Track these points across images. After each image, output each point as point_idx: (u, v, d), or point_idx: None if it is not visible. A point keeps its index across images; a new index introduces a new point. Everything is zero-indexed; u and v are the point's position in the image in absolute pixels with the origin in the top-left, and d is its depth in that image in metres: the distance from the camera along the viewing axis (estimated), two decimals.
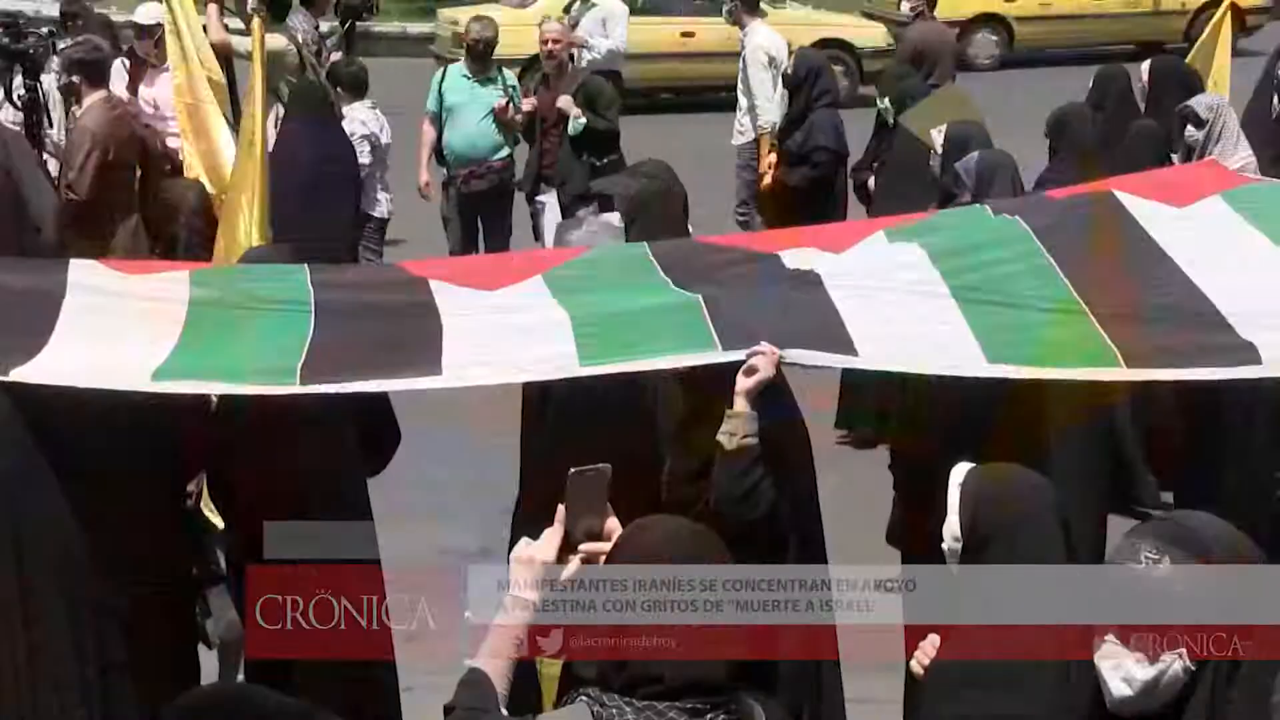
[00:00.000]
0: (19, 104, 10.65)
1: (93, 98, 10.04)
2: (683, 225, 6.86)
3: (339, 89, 12.05)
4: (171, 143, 11.21)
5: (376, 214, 11.95)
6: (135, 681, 4.92)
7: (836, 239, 5.88)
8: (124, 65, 11.83)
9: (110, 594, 4.88)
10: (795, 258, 5.59)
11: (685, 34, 20.24)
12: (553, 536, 3.82)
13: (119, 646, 4.88)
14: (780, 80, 12.82)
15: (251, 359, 5.04)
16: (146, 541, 5.36)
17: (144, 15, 11.86)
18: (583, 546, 3.82)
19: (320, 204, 9.95)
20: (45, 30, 11.87)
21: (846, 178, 12.10)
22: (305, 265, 5.80)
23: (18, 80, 10.72)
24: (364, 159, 11.61)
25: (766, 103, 12.90)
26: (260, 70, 7.77)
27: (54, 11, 15.17)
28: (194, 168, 9.15)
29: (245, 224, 7.34)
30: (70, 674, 4.73)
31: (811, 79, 12.10)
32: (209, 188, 8.52)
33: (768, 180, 12.51)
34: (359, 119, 11.80)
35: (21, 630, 4.63)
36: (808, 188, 11.85)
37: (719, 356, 5.01)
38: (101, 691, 4.79)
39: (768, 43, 13.41)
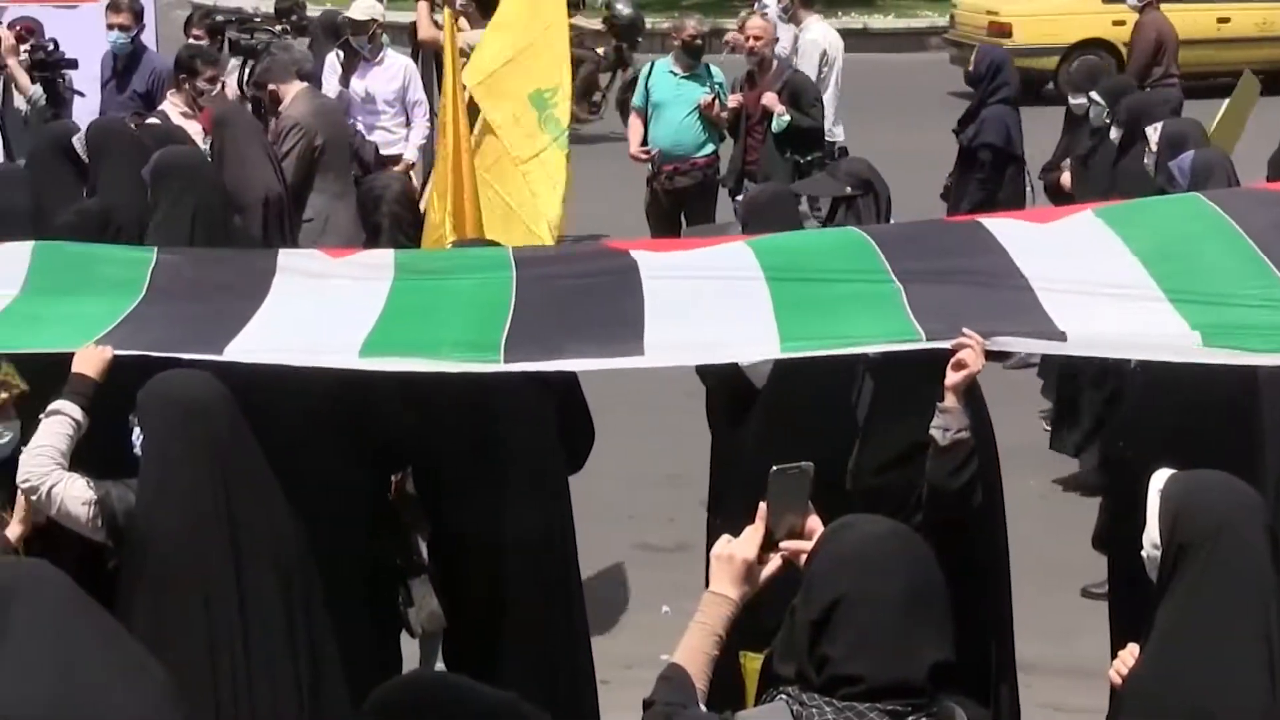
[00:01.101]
0: (249, 96, 10.95)
1: (296, 89, 10.27)
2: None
3: None
4: (379, 136, 11.40)
5: None
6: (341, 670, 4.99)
7: (1041, 214, 5.80)
8: (338, 58, 12.06)
9: (318, 584, 4.95)
10: (996, 224, 5.54)
11: (1221, 20, 19.93)
12: (754, 534, 3.80)
13: (328, 636, 4.95)
14: (836, 77, 12.82)
15: (454, 332, 5.07)
16: (352, 531, 5.44)
17: (358, 11, 12.07)
18: (784, 544, 3.79)
19: None
20: (278, 28, 12.15)
21: (1022, 176, 11.90)
22: (509, 246, 5.86)
23: (249, 74, 11.06)
24: None
25: None
26: (454, 66, 7.83)
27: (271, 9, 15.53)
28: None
29: (434, 216, 7.41)
30: (284, 663, 4.80)
31: (991, 73, 11.94)
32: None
33: None
34: None
35: (238, 620, 4.71)
36: (975, 185, 11.71)
37: (923, 345, 4.95)
38: (312, 682, 4.86)
39: (822, 39, 13.35)
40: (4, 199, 7.31)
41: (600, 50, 17.57)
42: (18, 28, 11.00)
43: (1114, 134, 10.34)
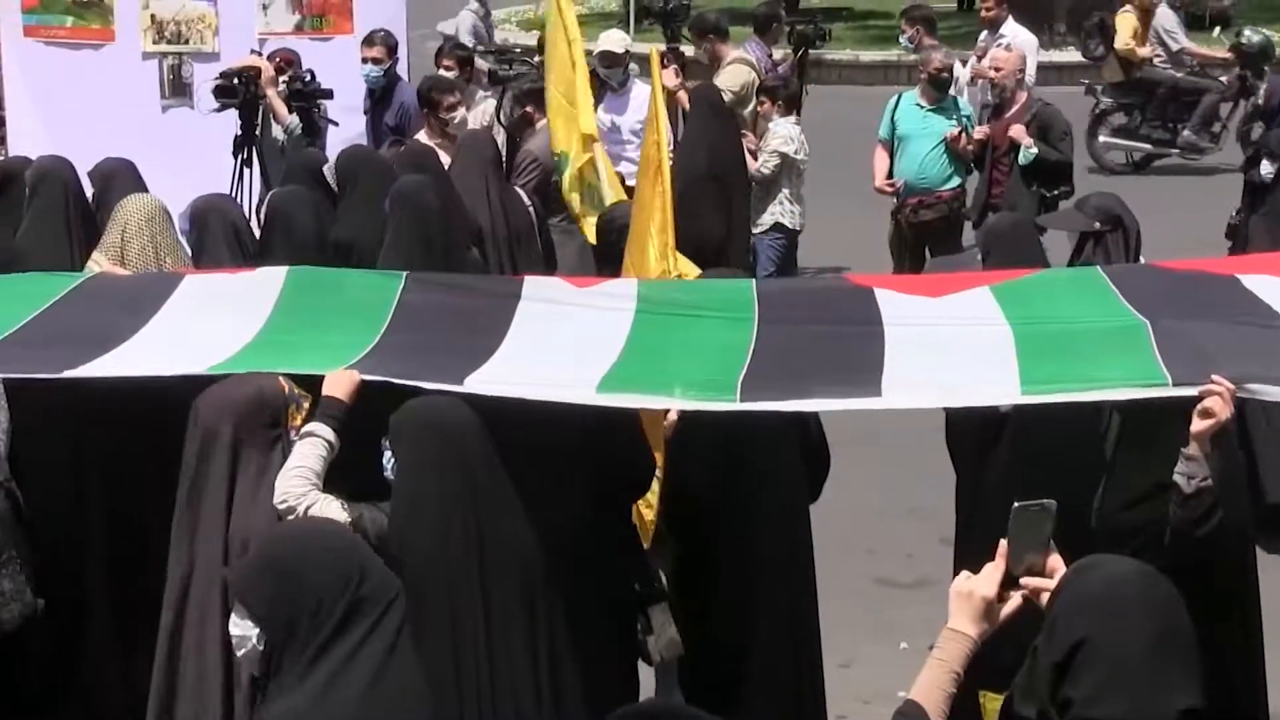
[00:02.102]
0: (505, 125, 11.16)
1: (542, 123, 10.56)
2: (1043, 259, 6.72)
3: (775, 102, 12.19)
4: (624, 167, 11.49)
5: (787, 223, 12.03)
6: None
7: None
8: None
9: (560, 609, 4.98)
10: (1256, 282, 5.40)
11: None
12: (994, 572, 3.75)
13: (569, 662, 4.97)
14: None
15: (690, 372, 5.08)
16: (595, 557, 5.46)
17: (613, 43, 12.19)
18: (1025, 582, 3.74)
19: (694, 212, 10.07)
20: (536, 59, 12.33)
21: None
22: (752, 279, 5.86)
23: (506, 104, 11.28)
24: (766, 169, 11.89)
25: None
26: (660, 96, 7.83)
27: (526, 40, 15.72)
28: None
29: (653, 250, 7.40)
30: (526, 688, 4.84)
31: None
32: None
33: None
34: (780, 134, 11.92)
35: (484, 642, 4.76)
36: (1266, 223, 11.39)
37: (1169, 391, 4.84)
38: (553, 708, 4.88)
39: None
40: (292, 219, 7.48)
41: (1224, 79, 17.53)
42: (277, 59, 11.29)
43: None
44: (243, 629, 3.90)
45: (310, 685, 3.72)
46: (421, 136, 10.45)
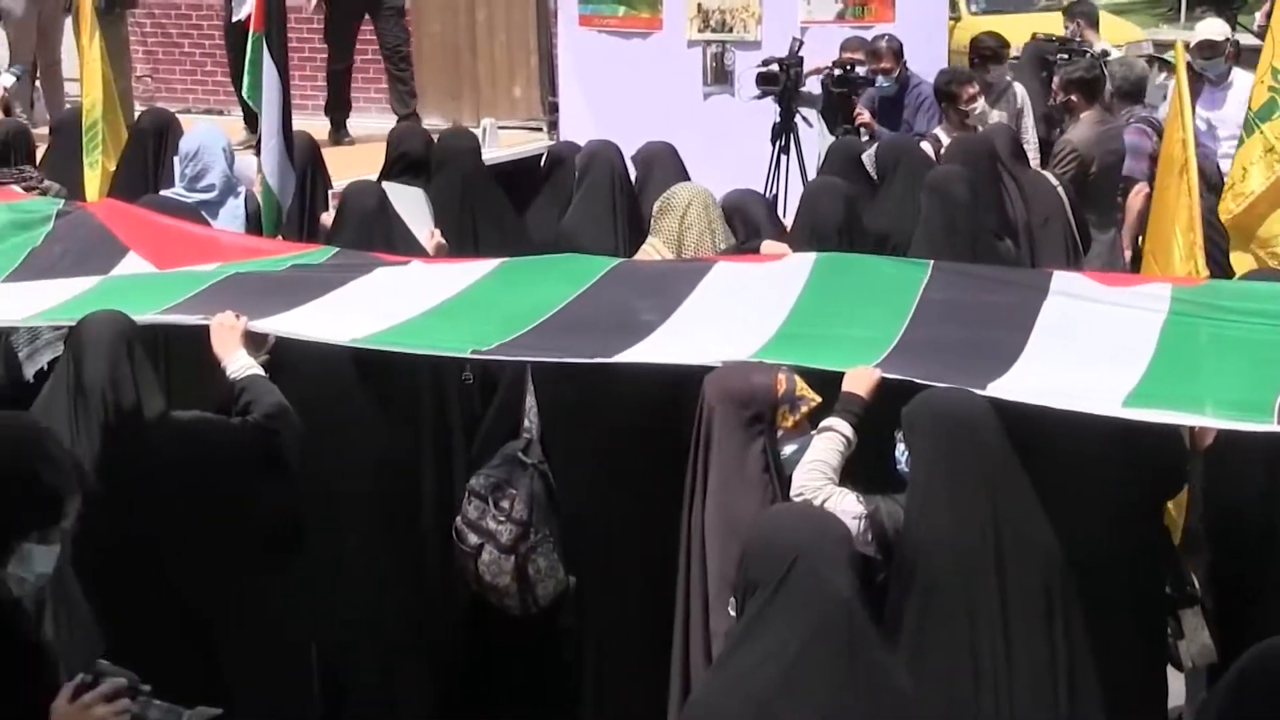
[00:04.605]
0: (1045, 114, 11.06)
1: (1086, 114, 10.39)
2: None
3: None
4: (1225, 164, 11.00)
5: None
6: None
7: None
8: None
9: (1080, 608, 4.88)
10: None
11: None
12: None
13: (1089, 658, 4.87)
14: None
15: (1227, 386, 4.91)
16: (1118, 555, 5.34)
17: (1213, 31, 11.66)
18: None
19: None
20: (1098, 48, 12.11)
21: None
22: None
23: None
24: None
25: None
26: (1185, 90, 7.49)
27: None
28: None
29: (1178, 251, 7.11)
30: (1044, 684, 4.76)
31: None
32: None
33: None
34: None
35: (1001, 635, 4.71)
36: None
37: None
38: (1070, 702, 4.80)
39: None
40: (816, 206, 7.53)
41: None
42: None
43: None
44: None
45: (740, 659, 3.90)
46: (940, 131, 10.34)
